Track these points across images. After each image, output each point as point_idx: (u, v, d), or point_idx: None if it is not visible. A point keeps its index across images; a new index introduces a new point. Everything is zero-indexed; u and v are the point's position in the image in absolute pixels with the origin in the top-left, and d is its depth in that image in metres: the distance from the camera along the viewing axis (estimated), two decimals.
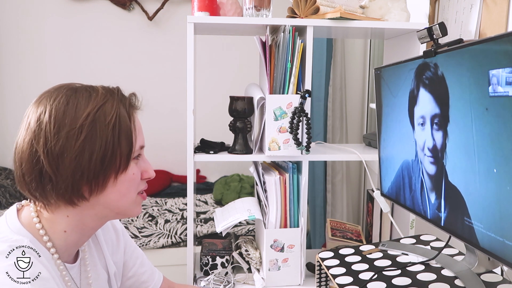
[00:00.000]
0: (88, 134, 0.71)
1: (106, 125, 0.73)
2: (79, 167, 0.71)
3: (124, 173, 0.77)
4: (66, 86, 0.76)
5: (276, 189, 1.29)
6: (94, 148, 0.72)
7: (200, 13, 1.28)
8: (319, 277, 1.19)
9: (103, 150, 0.72)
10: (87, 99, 0.74)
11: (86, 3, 3.12)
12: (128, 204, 0.80)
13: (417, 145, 1.03)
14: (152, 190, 3.09)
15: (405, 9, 1.37)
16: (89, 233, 0.82)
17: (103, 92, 0.76)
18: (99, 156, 0.72)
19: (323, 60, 2.34)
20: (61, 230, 0.77)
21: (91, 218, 0.79)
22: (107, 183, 0.75)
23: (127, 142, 0.76)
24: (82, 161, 0.71)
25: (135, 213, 0.83)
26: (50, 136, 0.70)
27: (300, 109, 1.24)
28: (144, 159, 0.84)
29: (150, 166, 0.84)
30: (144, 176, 0.82)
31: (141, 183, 0.82)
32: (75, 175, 0.71)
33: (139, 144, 0.80)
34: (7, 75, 3.11)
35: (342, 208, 2.55)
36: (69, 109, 0.72)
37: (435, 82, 0.92)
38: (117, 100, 0.76)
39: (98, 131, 0.72)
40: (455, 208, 0.89)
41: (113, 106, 0.75)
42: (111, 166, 0.74)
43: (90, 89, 0.76)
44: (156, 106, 3.22)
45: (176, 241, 2.36)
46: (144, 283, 1.01)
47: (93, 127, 0.72)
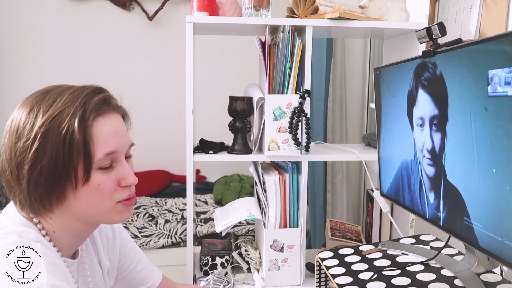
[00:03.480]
0: (41, 145, 0.68)
1: (58, 135, 0.69)
2: (32, 178, 0.69)
3: (86, 185, 0.72)
4: (41, 91, 0.73)
5: (276, 189, 1.29)
6: (44, 160, 0.68)
7: (199, 13, 1.28)
8: (319, 277, 1.19)
9: (53, 162, 0.68)
10: (48, 106, 0.70)
11: (86, 3, 3.12)
12: (103, 213, 0.76)
13: (416, 146, 1.03)
14: (152, 190, 3.09)
15: (404, 9, 1.37)
16: (84, 235, 0.80)
17: (68, 97, 0.71)
18: (49, 167, 0.69)
19: (323, 60, 2.34)
20: (51, 230, 0.76)
21: (75, 223, 0.76)
22: (65, 194, 0.72)
23: (80, 153, 0.70)
24: (35, 172, 0.68)
25: (120, 219, 0.78)
26: (12, 145, 0.70)
27: (299, 109, 1.24)
28: (123, 165, 0.77)
29: (129, 172, 0.77)
30: (122, 184, 0.76)
31: (118, 192, 0.76)
32: (30, 186, 0.69)
33: (103, 152, 0.72)
34: (7, 75, 3.11)
35: (342, 208, 2.55)
36: (30, 117, 0.69)
37: (434, 82, 0.92)
38: (76, 107, 0.70)
39: (50, 141, 0.68)
40: (454, 208, 0.89)
41: (68, 114, 0.69)
42: (64, 178, 0.70)
43: (59, 94, 0.72)
44: (156, 106, 3.22)
45: (176, 241, 2.36)
46: (143, 281, 1.00)
47: (46, 137, 0.68)
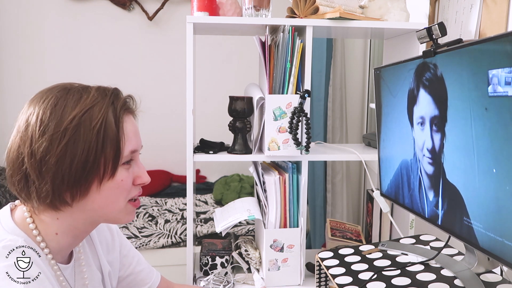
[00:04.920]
0: (71, 138, 0.69)
1: (91, 130, 0.70)
2: (60, 172, 0.69)
3: (111, 180, 0.74)
4: (60, 87, 0.74)
5: (276, 189, 1.29)
6: (76, 153, 0.69)
7: (199, 13, 1.28)
8: (319, 277, 1.19)
9: (85, 155, 0.70)
10: (76, 101, 0.71)
11: (86, 3, 3.12)
12: (116, 211, 0.77)
13: (416, 144, 1.03)
14: (152, 190, 3.09)
15: (404, 9, 1.37)
16: (82, 236, 0.81)
17: (95, 94, 0.73)
18: (80, 161, 0.70)
19: (323, 60, 2.34)
20: (52, 232, 0.75)
21: (82, 222, 0.77)
22: (89, 189, 0.73)
23: (113, 148, 0.73)
24: (63, 166, 0.69)
25: (125, 220, 0.80)
26: (35, 139, 0.69)
27: (299, 109, 1.24)
28: (138, 164, 0.80)
29: (144, 171, 0.80)
30: (137, 181, 0.79)
31: (133, 190, 0.79)
32: (56, 179, 0.70)
33: (129, 149, 0.76)
34: (7, 75, 3.11)
35: (342, 208, 2.55)
36: (56, 111, 0.70)
37: (434, 82, 0.92)
38: (107, 103, 0.73)
39: (82, 135, 0.70)
40: (453, 207, 0.89)
41: (101, 109, 0.72)
42: (93, 172, 0.72)
43: (83, 91, 0.74)
44: (156, 106, 3.22)
45: (176, 241, 2.36)
46: (142, 281, 1.00)
47: (77, 131, 0.70)
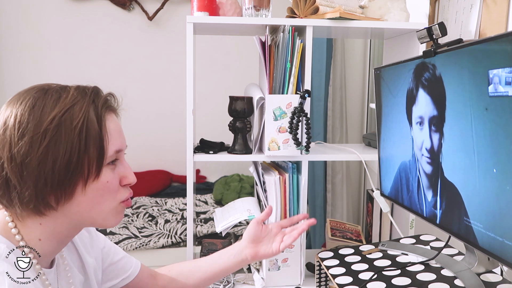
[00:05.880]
0: (52, 139, 0.67)
1: (72, 130, 0.68)
2: (42, 175, 0.67)
3: (96, 181, 0.71)
4: (38, 87, 0.72)
5: (276, 189, 1.29)
6: (58, 154, 0.67)
7: (199, 13, 1.28)
8: (319, 277, 1.20)
9: (68, 156, 0.67)
10: (55, 101, 0.69)
11: (86, 3, 3.12)
12: (103, 214, 0.75)
13: (414, 144, 1.03)
14: (152, 190, 3.09)
15: (404, 9, 1.37)
16: (66, 240, 0.79)
17: (74, 93, 0.71)
18: (63, 162, 0.67)
19: (323, 60, 2.34)
20: (35, 237, 0.73)
21: (66, 226, 0.74)
22: (74, 191, 0.70)
23: (96, 147, 0.70)
24: (46, 168, 0.67)
25: (112, 223, 0.77)
26: (14, 142, 0.67)
27: (299, 109, 1.24)
28: (124, 164, 0.77)
29: (130, 171, 0.78)
30: (124, 182, 0.76)
31: (120, 191, 0.76)
32: (39, 183, 0.67)
33: (114, 148, 0.73)
34: (7, 75, 3.11)
35: (342, 208, 2.55)
36: (35, 112, 0.68)
37: (433, 82, 0.92)
38: (87, 102, 0.71)
39: (63, 136, 0.67)
40: (452, 206, 0.89)
41: (81, 108, 0.69)
42: (77, 173, 0.69)
43: (61, 90, 0.71)
44: (156, 106, 3.22)
45: (176, 241, 2.36)
46: (123, 269, 0.98)
47: (58, 131, 0.67)
